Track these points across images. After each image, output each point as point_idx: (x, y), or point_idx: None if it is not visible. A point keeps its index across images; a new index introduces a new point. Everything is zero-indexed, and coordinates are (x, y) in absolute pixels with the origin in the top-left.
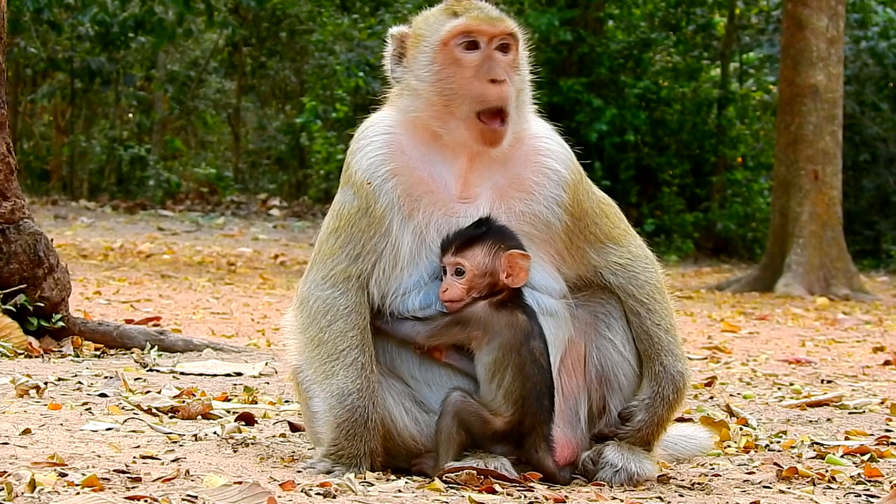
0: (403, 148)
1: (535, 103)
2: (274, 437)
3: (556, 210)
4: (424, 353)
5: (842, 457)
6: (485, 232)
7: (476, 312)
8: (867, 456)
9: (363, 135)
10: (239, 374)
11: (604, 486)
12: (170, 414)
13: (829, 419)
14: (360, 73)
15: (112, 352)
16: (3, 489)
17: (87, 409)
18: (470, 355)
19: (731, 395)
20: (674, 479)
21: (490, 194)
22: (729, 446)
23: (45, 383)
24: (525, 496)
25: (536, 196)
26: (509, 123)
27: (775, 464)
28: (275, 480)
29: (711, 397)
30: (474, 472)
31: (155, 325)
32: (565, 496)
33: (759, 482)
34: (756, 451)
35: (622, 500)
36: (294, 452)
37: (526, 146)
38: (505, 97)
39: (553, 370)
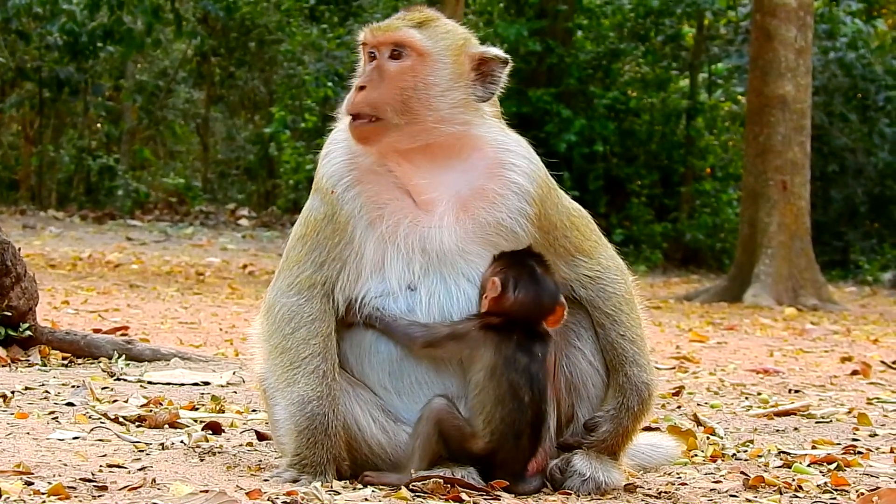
0: (370, 155)
1: (503, 114)
2: (241, 445)
3: (521, 221)
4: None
5: (809, 466)
6: (504, 253)
7: (470, 330)
8: (834, 465)
9: (331, 140)
10: (206, 384)
11: (571, 494)
12: (137, 423)
13: (796, 428)
14: (329, 83)
15: (79, 361)
16: None
17: (53, 418)
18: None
19: (698, 405)
20: (641, 487)
21: (453, 204)
22: (696, 455)
23: (13, 392)
24: None
25: (499, 206)
26: (382, 124)
27: (742, 473)
28: (241, 489)
29: (679, 406)
30: (441, 480)
31: (123, 335)
32: None
33: (726, 491)
34: (723, 460)
35: None
36: (261, 461)
37: (489, 158)
38: (358, 103)
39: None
